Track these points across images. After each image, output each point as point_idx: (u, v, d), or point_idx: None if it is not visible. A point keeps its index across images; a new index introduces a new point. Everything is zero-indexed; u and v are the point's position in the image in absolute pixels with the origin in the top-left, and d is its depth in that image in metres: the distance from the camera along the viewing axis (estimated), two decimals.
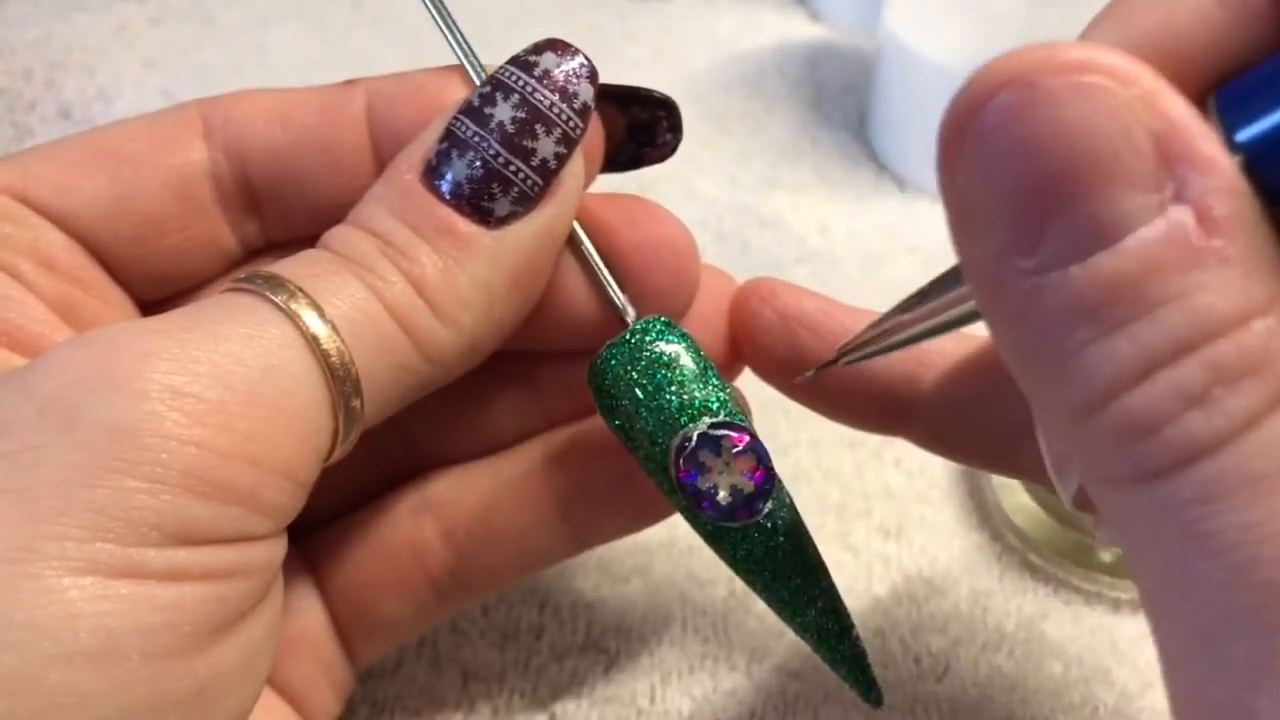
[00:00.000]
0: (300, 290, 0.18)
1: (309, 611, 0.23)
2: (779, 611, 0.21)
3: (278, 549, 0.18)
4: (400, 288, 0.18)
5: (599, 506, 0.23)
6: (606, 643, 0.28)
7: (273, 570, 0.18)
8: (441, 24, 0.21)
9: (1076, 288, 0.13)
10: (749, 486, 0.20)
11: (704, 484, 0.20)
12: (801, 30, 0.52)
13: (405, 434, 0.24)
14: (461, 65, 0.21)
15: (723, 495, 0.20)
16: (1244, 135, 0.13)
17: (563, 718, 0.27)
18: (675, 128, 0.22)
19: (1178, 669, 0.14)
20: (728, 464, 0.20)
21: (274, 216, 0.22)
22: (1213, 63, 0.14)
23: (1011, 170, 0.13)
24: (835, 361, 0.21)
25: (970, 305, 0.17)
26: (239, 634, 0.17)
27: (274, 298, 0.17)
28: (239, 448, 0.16)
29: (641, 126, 0.22)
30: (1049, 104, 0.13)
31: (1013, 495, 0.31)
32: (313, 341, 0.17)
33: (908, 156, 0.43)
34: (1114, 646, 0.28)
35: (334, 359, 0.17)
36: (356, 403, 0.18)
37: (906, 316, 0.18)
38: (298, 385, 0.17)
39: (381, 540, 0.24)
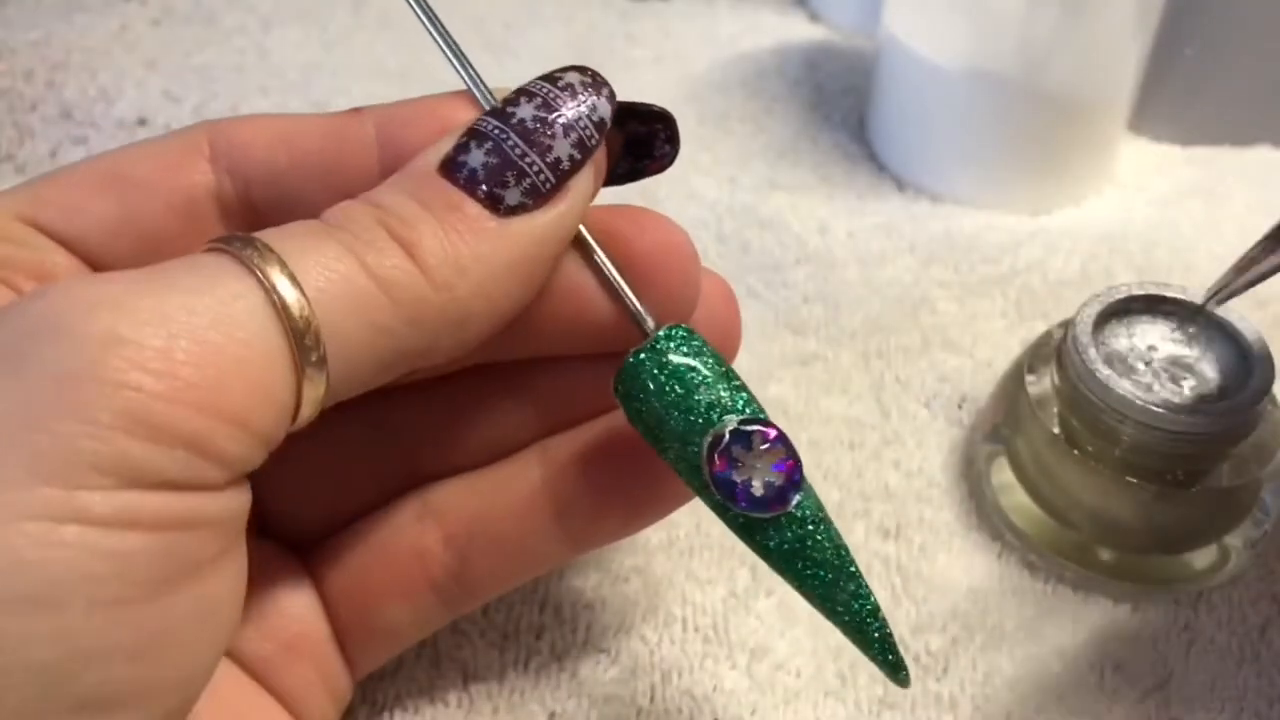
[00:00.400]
0: (268, 248, 0.18)
1: (308, 618, 0.23)
2: (811, 599, 0.21)
3: (235, 502, 0.18)
4: (383, 248, 0.19)
5: (597, 509, 0.23)
6: (606, 643, 0.28)
7: (229, 524, 0.18)
8: (450, 55, 0.22)
9: None
10: (780, 478, 0.21)
11: (738, 477, 0.20)
12: (801, 31, 0.52)
13: (407, 444, 0.24)
14: (470, 91, 0.21)
15: (757, 487, 0.20)
16: None
17: (562, 718, 0.27)
18: (672, 139, 0.23)
19: None
20: (759, 458, 0.20)
21: None
22: None
23: None
24: (1206, 303, 0.23)
25: None
26: (193, 587, 0.17)
27: (240, 253, 0.17)
28: (181, 393, 0.16)
29: (639, 140, 0.23)
30: None
31: (1012, 495, 0.31)
32: (273, 293, 0.17)
33: (907, 157, 0.43)
34: (1114, 646, 0.28)
35: (293, 310, 0.17)
36: (318, 357, 0.18)
37: (1269, 259, 0.21)
38: (252, 335, 0.17)
39: (384, 545, 0.24)
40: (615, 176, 0.23)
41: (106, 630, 0.16)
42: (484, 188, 0.20)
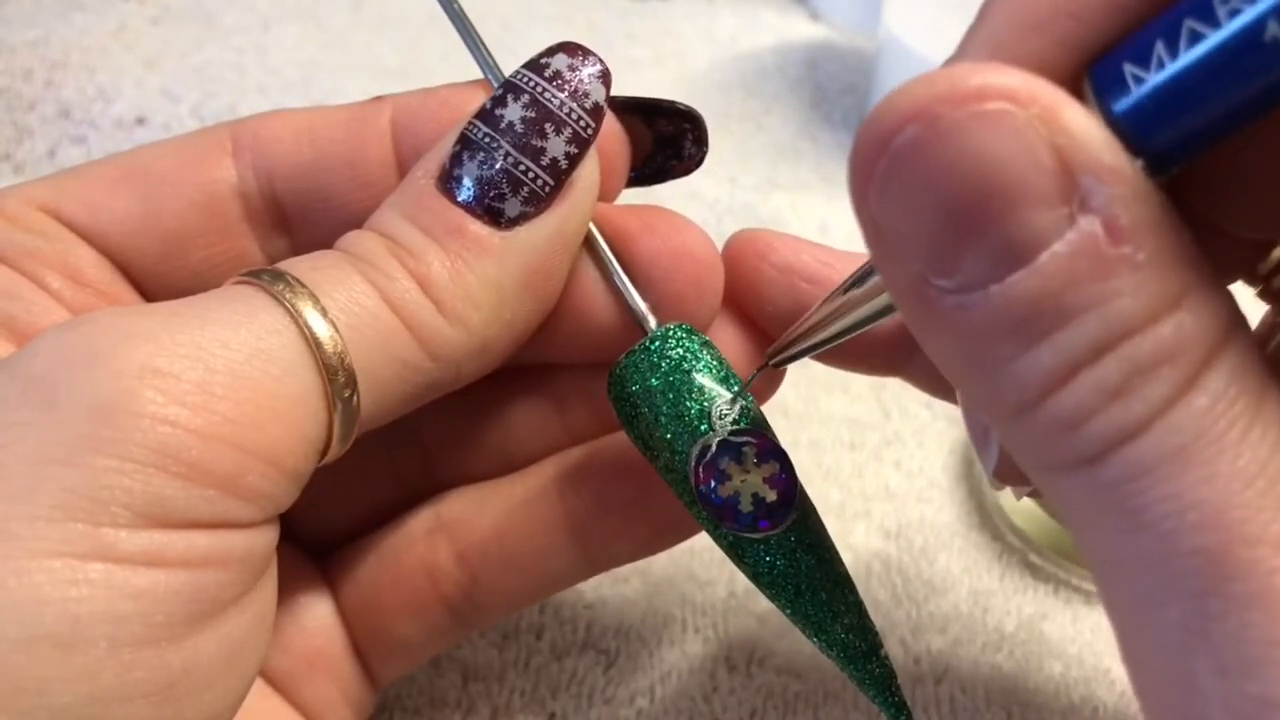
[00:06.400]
0: (299, 282, 0.17)
1: (327, 630, 0.23)
2: (803, 628, 0.20)
3: (263, 540, 0.17)
4: (404, 284, 0.18)
5: (613, 529, 0.23)
6: (606, 643, 0.28)
7: (257, 561, 0.17)
8: (466, 37, 0.21)
9: (998, 306, 0.13)
10: (771, 495, 0.19)
11: (725, 492, 0.19)
12: (801, 30, 0.52)
13: (425, 450, 0.24)
14: (486, 78, 0.21)
15: (745, 504, 0.19)
16: (1120, 107, 0.13)
17: (562, 718, 0.27)
18: (701, 140, 0.22)
19: (1125, 639, 0.14)
20: (749, 471, 0.19)
21: (302, 232, 0.22)
22: (1091, 40, 0.14)
23: (923, 201, 0.13)
24: (765, 365, 0.21)
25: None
26: (219, 626, 0.17)
27: (271, 288, 0.17)
28: (218, 429, 0.16)
29: (667, 140, 0.22)
30: (953, 136, 0.13)
31: (1012, 496, 0.31)
32: (306, 329, 0.17)
33: None
34: (1114, 646, 0.28)
35: (327, 347, 0.17)
36: (351, 394, 0.18)
37: (833, 308, 0.19)
38: (287, 372, 0.17)
39: (396, 561, 0.23)
40: (643, 176, 0.22)
41: (129, 672, 0.15)
42: (482, 202, 0.19)
